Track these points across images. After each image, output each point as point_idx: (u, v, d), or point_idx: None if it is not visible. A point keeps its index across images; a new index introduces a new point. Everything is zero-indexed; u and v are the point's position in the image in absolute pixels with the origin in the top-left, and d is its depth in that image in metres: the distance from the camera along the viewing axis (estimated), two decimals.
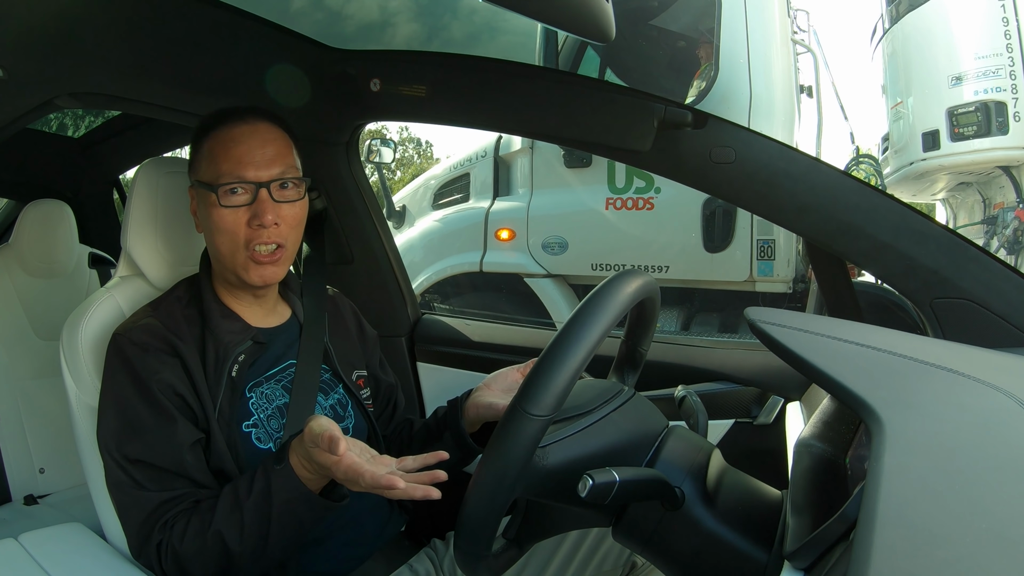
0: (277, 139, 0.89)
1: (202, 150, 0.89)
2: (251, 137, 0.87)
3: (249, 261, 0.87)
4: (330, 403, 0.97)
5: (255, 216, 0.85)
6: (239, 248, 0.87)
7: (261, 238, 0.86)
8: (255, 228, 0.86)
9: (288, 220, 0.88)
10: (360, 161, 1.44)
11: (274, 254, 0.88)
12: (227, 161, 0.86)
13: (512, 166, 3.47)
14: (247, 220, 0.86)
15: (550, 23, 0.79)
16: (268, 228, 0.86)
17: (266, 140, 0.88)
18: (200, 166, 0.89)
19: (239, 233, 0.86)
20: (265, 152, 0.87)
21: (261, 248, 0.87)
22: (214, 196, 0.85)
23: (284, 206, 0.87)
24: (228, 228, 0.86)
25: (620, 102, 0.99)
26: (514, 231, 3.33)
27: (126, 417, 0.83)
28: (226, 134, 0.87)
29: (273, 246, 0.87)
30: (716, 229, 2.90)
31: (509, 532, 0.75)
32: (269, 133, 0.89)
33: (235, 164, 0.85)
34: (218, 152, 0.86)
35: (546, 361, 0.58)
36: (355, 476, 0.69)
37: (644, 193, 3.02)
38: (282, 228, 0.87)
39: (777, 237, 2.87)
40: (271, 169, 0.87)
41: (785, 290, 2.96)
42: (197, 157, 0.90)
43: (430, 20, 1.57)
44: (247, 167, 0.86)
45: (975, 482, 0.44)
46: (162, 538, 0.79)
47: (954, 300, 0.81)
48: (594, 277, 3.21)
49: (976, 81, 3.63)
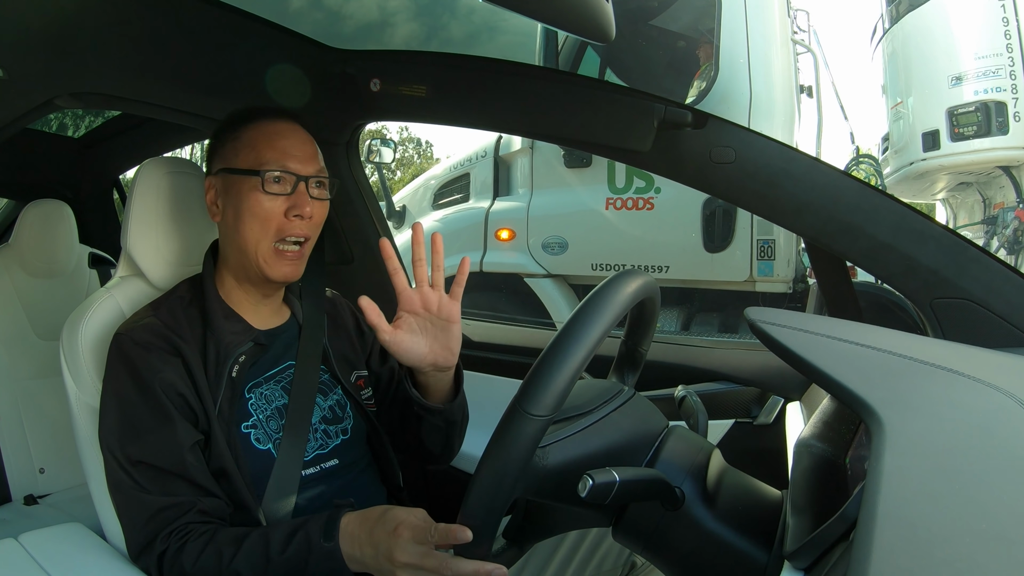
0: (312, 141, 0.93)
1: (241, 139, 0.90)
2: (294, 134, 0.91)
3: (274, 255, 0.89)
4: (328, 404, 0.97)
5: (294, 207, 0.88)
6: (268, 237, 0.88)
7: (294, 230, 0.88)
8: (291, 219, 0.88)
9: (316, 218, 0.91)
10: (360, 161, 1.44)
11: (298, 251, 0.90)
12: (272, 151, 0.88)
13: (512, 166, 3.48)
14: (284, 210, 0.88)
15: (550, 23, 0.79)
16: (304, 220, 0.88)
17: (306, 139, 0.92)
18: (237, 154, 0.90)
19: (273, 220, 0.88)
20: (306, 149, 0.91)
21: (289, 241, 0.89)
22: (258, 181, 0.87)
23: (317, 203, 0.90)
24: (264, 214, 0.87)
25: (620, 102, 0.99)
26: (514, 231, 3.33)
27: (128, 417, 0.83)
28: (270, 127, 0.90)
29: (299, 243, 0.90)
30: (716, 229, 2.90)
31: (509, 532, 0.75)
32: (306, 134, 0.93)
33: (281, 154, 0.88)
34: (261, 142, 0.89)
35: (546, 361, 0.58)
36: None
37: (644, 193, 3.03)
38: (312, 223, 0.90)
39: (777, 237, 2.87)
40: (311, 166, 0.90)
41: (785, 290, 2.96)
42: (233, 146, 0.91)
43: (430, 20, 1.57)
44: (291, 159, 0.89)
45: (975, 482, 0.44)
46: (166, 549, 0.79)
47: (954, 300, 0.81)
48: (594, 277, 3.21)
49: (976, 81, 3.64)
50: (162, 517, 0.80)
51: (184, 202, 0.99)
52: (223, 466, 0.85)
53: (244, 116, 0.92)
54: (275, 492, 0.87)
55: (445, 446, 1.00)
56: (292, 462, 0.89)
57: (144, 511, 0.80)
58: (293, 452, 0.89)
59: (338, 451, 0.95)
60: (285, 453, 0.88)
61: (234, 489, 0.85)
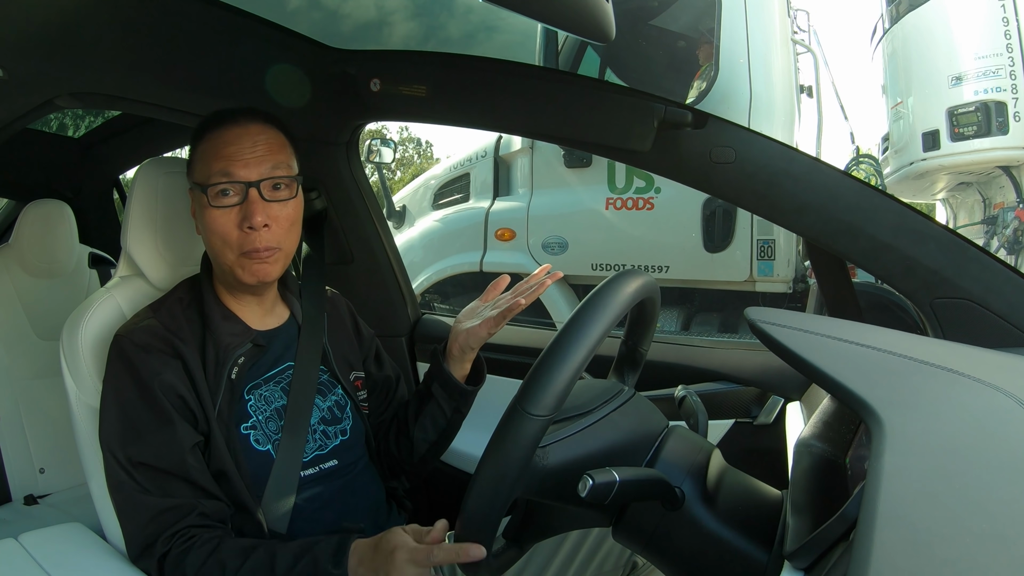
0: (270, 139, 0.88)
1: (196, 151, 0.89)
2: (242, 137, 0.86)
3: (243, 259, 0.86)
4: (328, 404, 0.97)
5: (245, 218, 0.84)
6: (232, 251, 0.86)
7: (253, 243, 0.85)
8: (246, 231, 0.84)
9: (280, 221, 0.87)
10: (360, 161, 1.44)
11: (269, 253, 0.87)
12: (217, 161, 0.85)
13: (512, 166, 3.48)
14: (238, 222, 0.85)
15: (550, 23, 0.79)
16: (259, 231, 0.84)
17: (257, 140, 0.87)
18: (195, 168, 0.89)
19: (231, 235, 0.85)
20: (255, 151, 0.86)
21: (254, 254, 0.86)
22: (205, 197, 0.85)
23: (275, 206, 0.86)
24: (219, 230, 0.85)
25: (620, 102, 0.99)
26: (514, 231, 3.34)
27: (128, 418, 0.83)
28: (218, 136, 0.87)
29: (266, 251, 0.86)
30: (716, 229, 2.90)
31: (509, 532, 0.75)
32: (261, 133, 0.88)
33: (225, 163, 0.85)
34: (209, 153, 0.86)
35: (546, 361, 0.58)
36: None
37: (644, 193, 3.03)
38: (274, 230, 0.86)
39: (777, 237, 2.88)
40: (260, 168, 0.86)
41: (785, 290, 2.97)
42: (193, 159, 0.90)
43: (430, 19, 1.57)
44: (236, 166, 0.85)
45: (975, 482, 0.44)
46: (167, 551, 0.79)
47: (954, 300, 0.81)
48: (594, 277, 3.22)
49: (976, 81, 3.63)
50: (163, 519, 0.80)
51: (184, 203, 0.99)
52: (222, 467, 0.85)
53: (203, 126, 0.89)
54: (274, 493, 0.87)
55: (434, 445, 1.01)
56: (291, 463, 0.89)
57: (145, 512, 0.80)
58: (292, 453, 0.89)
59: (337, 452, 0.95)
60: (284, 454, 0.88)
61: (233, 490, 0.85)
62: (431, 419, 0.98)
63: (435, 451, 1.01)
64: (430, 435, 0.99)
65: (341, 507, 0.93)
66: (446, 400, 0.97)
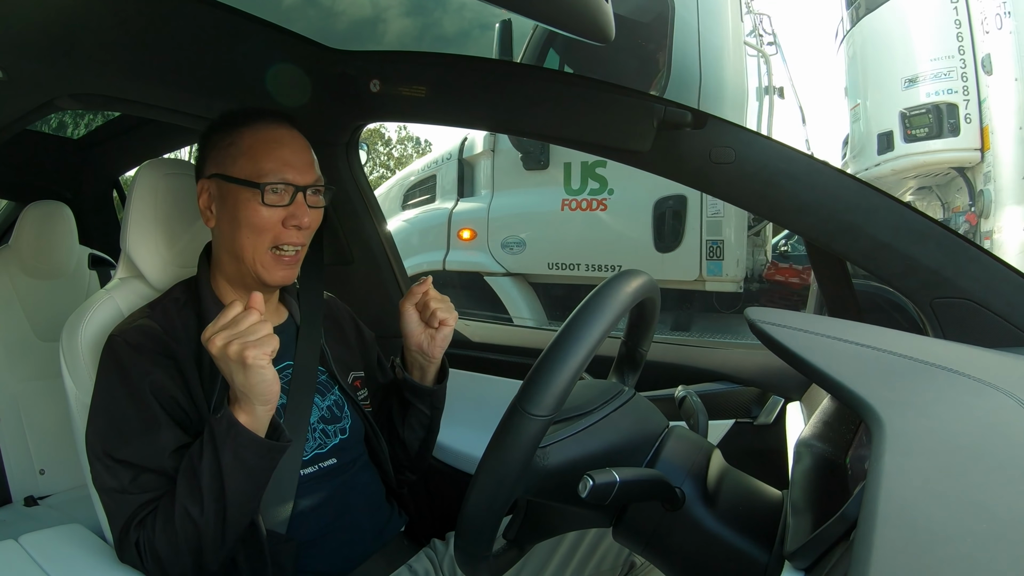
0: (309, 147, 0.93)
1: (237, 145, 0.89)
2: (293, 141, 0.91)
3: (271, 260, 0.89)
4: (327, 404, 0.97)
5: (291, 217, 0.88)
6: (264, 245, 0.88)
7: (290, 238, 0.89)
8: (288, 228, 0.88)
9: (312, 225, 0.91)
10: (360, 162, 1.44)
11: (295, 256, 0.91)
12: (272, 160, 0.88)
13: (475, 168, 3.57)
14: (281, 219, 0.88)
15: (550, 23, 0.79)
16: (302, 230, 0.89)
17: (304, 146, 0.92)
18: (234, 161, 0.89)
19: (270, 230, 0.88)
20: (304, 158, 0.91)
21: (287, 248, 0.89)
22: (257, 192, 0.86)
23: (313, 211, 0.90)
24: (263, 225, 0.87)
25: (620, 102, 0.99)
26: (475, 231, 3.43)
27: (113, 418, 0.83)
28: (268, 134, 0.89)
29: (296, 248, 0.90)
30: (666, 229, 2.98)
31: (509, 532, 0.75)
32: (303, 140, 0.93)
33: (280, 165, 0.88)
34: (260, 150, 0.88)
35: (546, 361, 0.58)
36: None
37: (598, 194, 3.10)
38: (305, 233, 0.91)
39: (727, 238, 2.96)
40: (309, 175, 0.90)
41: (736, 289, 3.04)
42: (228, 151, 0.89)
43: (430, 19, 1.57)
44: (290, 170, 0.88)
45: (975, 482, 0.44)
46: (139, 536, 0.80)
47: (954, 300, 0.81)
48: (551, 276, 3.31)
49: (929, 83, 3.63)
50: (138, 512, 0.81)
51: (183, 204, 0.99)
52: None
53: (240, 119, 0.90)
54: (273, 492, 0.87)
55: (424, 442, 1.05)
56: (290, 462, 0.89)
57: (125, 511, 0.81)
58: (291, 452, 0.88)
59: (336, 451, 0.95)
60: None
61: None
62: (416, 419, 1.04)
63: (427, 445, 1.08)
64: (418, 433, 1.05)
65: (340, 505, 0.93)
66: (421, 402, 1.02)
